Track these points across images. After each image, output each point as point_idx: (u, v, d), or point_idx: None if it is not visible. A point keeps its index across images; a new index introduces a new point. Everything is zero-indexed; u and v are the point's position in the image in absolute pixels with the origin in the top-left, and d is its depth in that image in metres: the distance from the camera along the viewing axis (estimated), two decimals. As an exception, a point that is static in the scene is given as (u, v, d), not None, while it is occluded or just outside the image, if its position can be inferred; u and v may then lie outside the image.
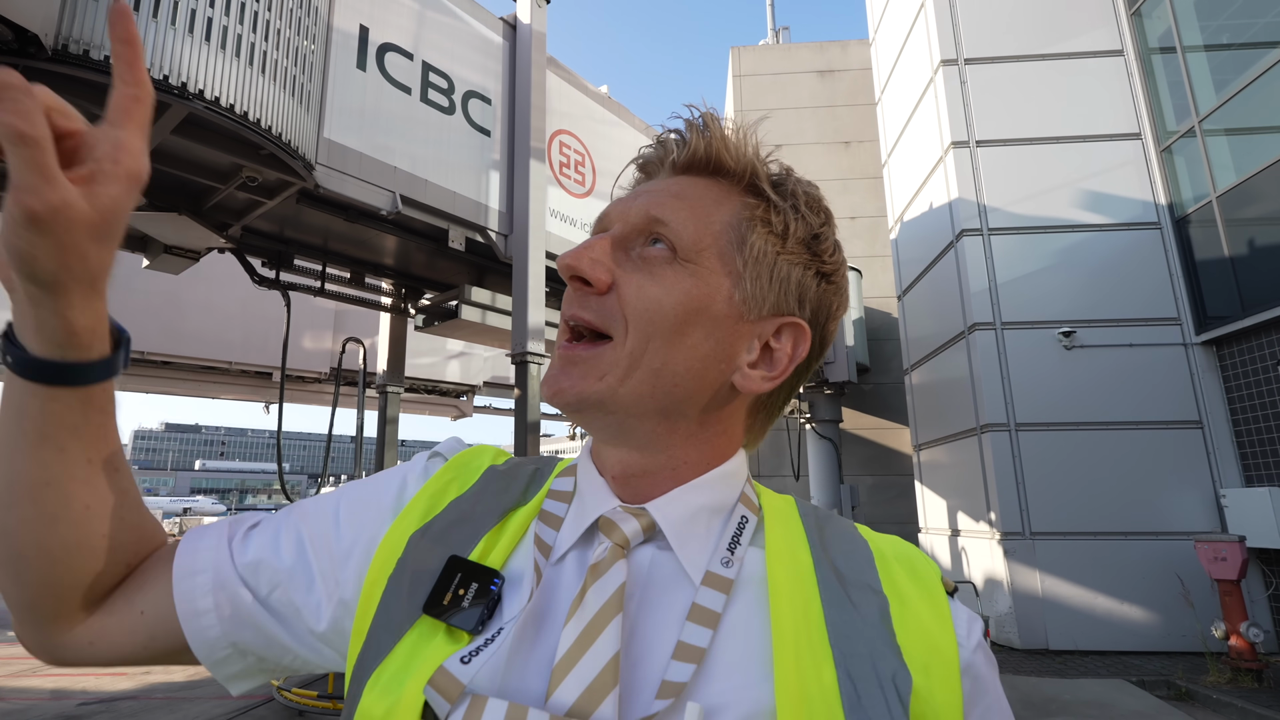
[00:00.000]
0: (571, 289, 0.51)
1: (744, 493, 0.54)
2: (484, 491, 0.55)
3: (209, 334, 11.06)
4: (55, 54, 3.65)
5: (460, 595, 0.47)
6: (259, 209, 5.43)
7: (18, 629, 0.53)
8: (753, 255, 0.51)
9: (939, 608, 0.48)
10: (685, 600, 0.46)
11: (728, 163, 0.53)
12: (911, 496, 15.10)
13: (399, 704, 0.42)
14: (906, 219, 10.47)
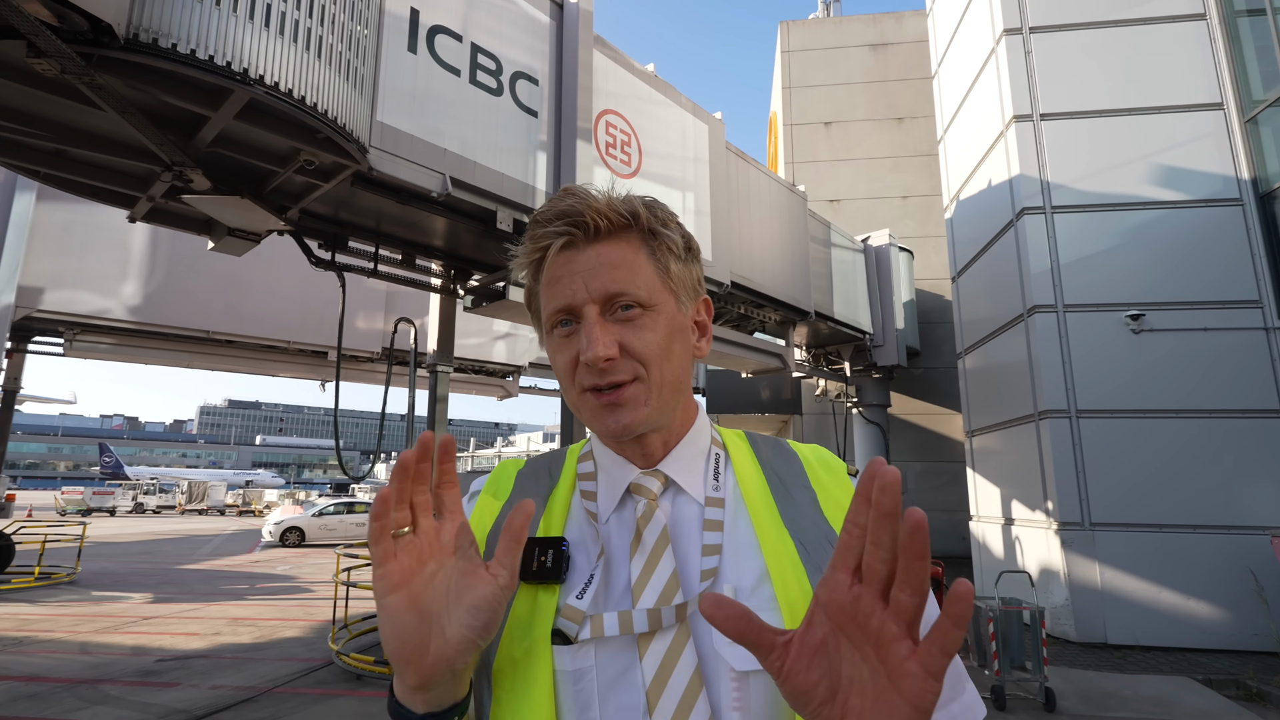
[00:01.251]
0: (598, 368, 0.68)
1: (711, 435, 0.78)
2: (523, 490, 0.78)
3: (269, 314, 11.48)
4: (127, 43, 3.79)
5: (543, 561, 0.67)
6: (315, 192, 5.57)
7: None
8: (676, 278, 0.74)
9: (847, 489, 0.74)
10: (698, 518, 0.70)
11: (624, 223, 0.72)
12: (961, 483, 14.71)
13: (534, 640, 0.63)
14: (963, 197, 10.08)
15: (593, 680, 0.62)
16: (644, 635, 0.63)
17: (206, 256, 10.65)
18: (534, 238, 0.72)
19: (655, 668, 0.61)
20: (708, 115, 8.91)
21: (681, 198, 8.18)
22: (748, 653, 0.59)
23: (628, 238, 0.72)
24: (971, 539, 9.61)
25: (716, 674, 0.62)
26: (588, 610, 0.64)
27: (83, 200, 9.64)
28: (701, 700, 0.60)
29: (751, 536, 0.68)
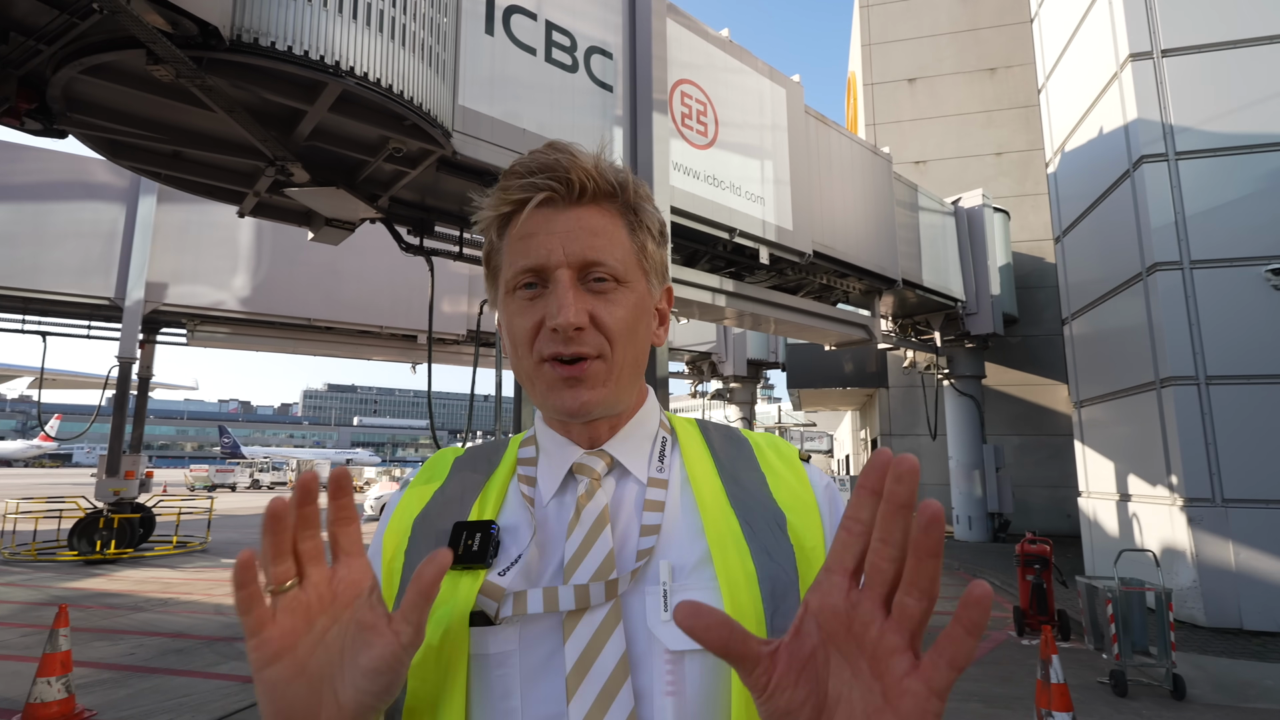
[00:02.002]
0: (565, 335, 0.63)
1: (660, 420, 0.75)
2: (459, 475, 0.73)
3: (363, 301, 12.08)
4: (232, 44, 4.00)
5: (470, 544, 0.63)
6: (403, 179, 5.76)
7: None
8: (650, 257, 0.71)
9: (798, 473, 0.71)
10: (639, 497, 0.67)
11: (609, 190, 0.68)
12: (1065, 458, 13.80)
13: (451, 624, 0.58)
14: (1069, 149, 9.29)
15: (515, 665, 0.58)
16: (571, 616, 0.58)
17: (306, 249, 11.31)
18: (508, 189, 0.67)
19: (579, 652, 0.57)
20: (785, 79, 8.59)
21: (760, 166, 7.95)
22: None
23: (610, 208, 0.68)
24: (1080, 517, 9.01)
25: (648, 656, 0.58)
26: (509, 587, 0.60)
27: (196, 201, 10.41)
28: (625, 689, 0.56)
29: (695, 518, 0.65)
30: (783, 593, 0.60)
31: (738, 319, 9.09)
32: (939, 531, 0.37)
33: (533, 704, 0.57)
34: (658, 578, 0.61)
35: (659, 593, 0.60)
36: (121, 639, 6.04)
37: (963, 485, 13.09)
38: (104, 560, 10.61)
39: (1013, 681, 4.99)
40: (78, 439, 21.61)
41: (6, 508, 12.30)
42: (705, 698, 0.57)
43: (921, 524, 0.37)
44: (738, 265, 8.65)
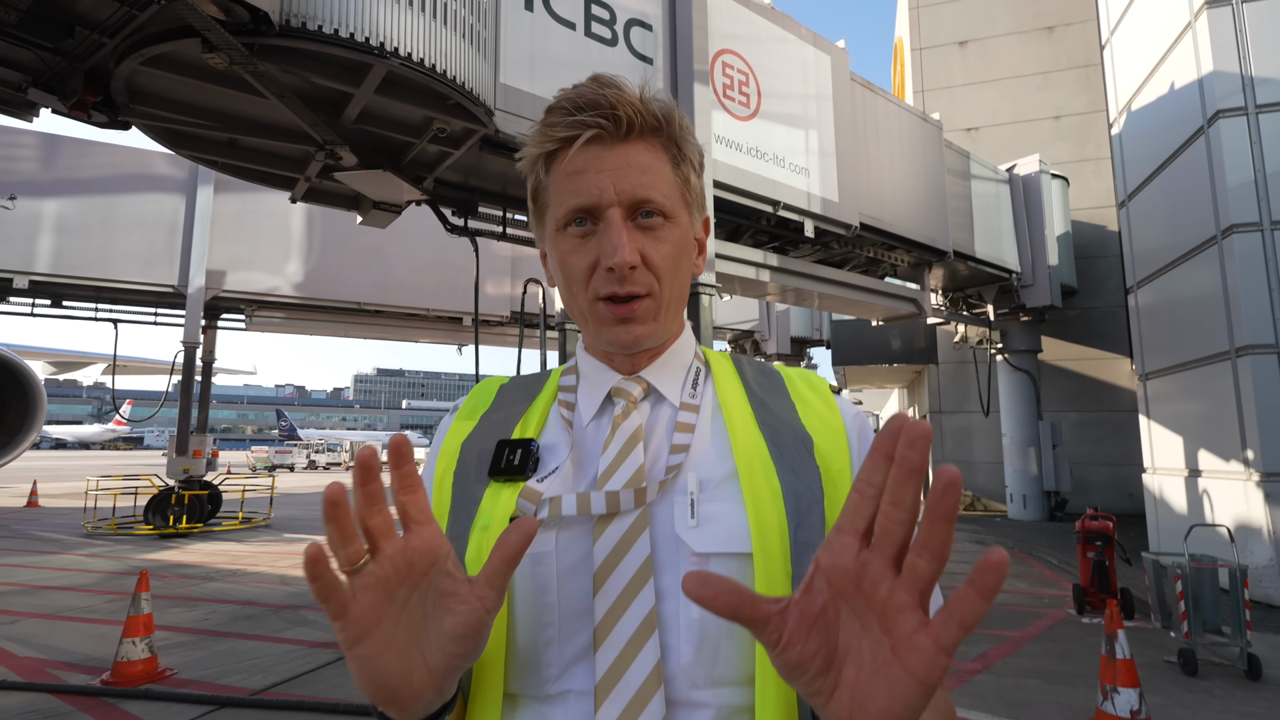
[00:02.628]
0: (620, 275, 0.66)
1: (695, 351, 0.78)
2: (504, 401, 0.77)
3: (409, 284, 12.34)
4: (281, 29, 4.09)
5: (510, 459, 0.68)
6: (447, 159, 5.82)
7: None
8: (693, 191, 0.73)
9: (829, 402, 0.74)
10: (671, 420, 0.70)
11: (656, 125, 0.69)
12: (1127, 435, 13.23)
13: (490, 532, 0.63)
14: (1135, 108, 8.78)
15: (552, 564, 0.62)
16: (602, 520, 0.62)
17: (354, 234, 11.59)
18: (554, 125, 0.67)
19: (607, 551, 0.61)
20: (830, 45, 8.32)
21: (804, 136, 7.75)
22: (709, 536, 0.61)
23: (655, 142, 0.69)
24: (1146, 494, 8.64)
25: (674, 559, 0.61)
26: (546, 493, 0.64)
27: (250, 190, 10.77)
28: (647, 589, 0.60)
29: (724, 440, 0.68)
30: (807, 508, 0.63)
31: (781, 294, 8.95)
32: (955, 496, 0.38)
33: (567, 598, 0.61)
34: (686, 489, 0.64)
35: (686, 502, 0.63)
36: (196, 605, 6.39)
37: (1017, 463, 12.69)
38: (176, 534, 11.23)
39: (1073, 659, 4.85)
40: (147, 422, 22.77)
41: (87, 486, 13.10)
42: None
43: (939, 488, 0.37)
44: (781, 239, 8.50)
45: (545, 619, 0.61)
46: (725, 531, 0.62)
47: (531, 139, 0.71)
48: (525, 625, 0.62)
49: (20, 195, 10.04)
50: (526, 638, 0.62)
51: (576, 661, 0.60)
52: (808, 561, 0.60)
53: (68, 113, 4.66)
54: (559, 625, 0.61)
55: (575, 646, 0.60)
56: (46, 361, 25.94)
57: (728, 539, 0.62)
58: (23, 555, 9.14)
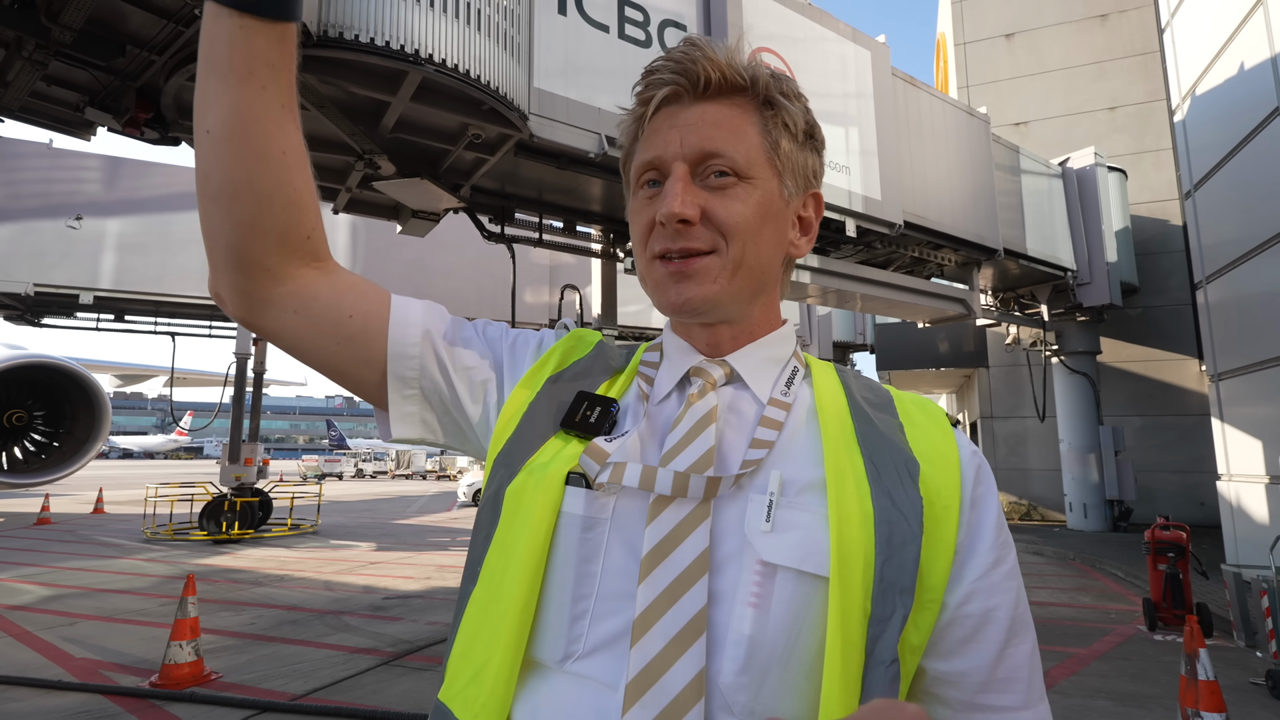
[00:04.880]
0: (672, 229, 0.61)
1: (795, 351, 0.71)
2: (599, 356, 0.74)
3: (449, 294, 12.50)
4: (319, 39, 4.15)
5: (588, 415, 0.64)
6: (483, 166, 5.84)
7: (217, 275, 0.63)
8: (785, 156, 0.66)
9: (944, 429, 0.65)
10: (756, 415, 0.64)
11: (740, 84, 0.64)
12: (1197, 440, 12.46)
13: (546, 478, 0.59)
14: (1200, 92, 8.30)
15: (604, 533, 0.57)
16: (660, 501, 0.57)
17: (396, 245, 11.82)
18: (639, 92, 0.66)
19: (659, 537, 0.55)
20: (870, 40, 8.12)
21: (845, 135, 7.56)
22: (782, 546, 0.54)
23: (740, 102, 0.65)
24: (1221, 502, 8.08)
25: (735, 561, 0.55)
26: (613, 454, 0.60)
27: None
28: (699, 587, 0.54)
29: (815, 446, 0.61)
30: (900, 543, 0.55)
31: (822, 297, 8.73)
32: None
33: (610, 575, 0.56)
34: (765, 488, 0.58)
35: (764, 501, 0.57)
36: (244, 610, 6.52)
37: (1076, 470, 12.08)
38: (229, 540, 11.56)
39: (1145, 679, 4.52)
40: (202, 431, 23.64)
41: (147, 493, 13.63)
42: (790, 617, 0.53)
43: None
44: (823, 240, 8.29)
45: (584, 589, 0.56)
46: (802, 546, 0.54)
47: (627, 112, 0.69)
48: (562, 589, 0.57)
49: (85, 215, 10.55)
50: (560, 603, 0.57)
51: (608, 645, 0.55)
52: (892, 605, 0.54)
53: (121, 130, 4.83)
54: (597, 601, 0.56)
55: (609, 629, 0.55)
56: (113, 374, 27.29)
57: (803, 555, 0.54)
58: (86, 559, 9.52)
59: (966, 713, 0.58)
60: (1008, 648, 0.58)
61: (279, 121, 0.59)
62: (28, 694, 4.18)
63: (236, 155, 0.58)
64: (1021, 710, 0.57)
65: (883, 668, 0.53)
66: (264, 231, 0.60)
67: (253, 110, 0.57)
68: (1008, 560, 0.60)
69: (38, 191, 10.40)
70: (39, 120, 4.78)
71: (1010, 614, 0.58)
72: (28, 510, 15.96)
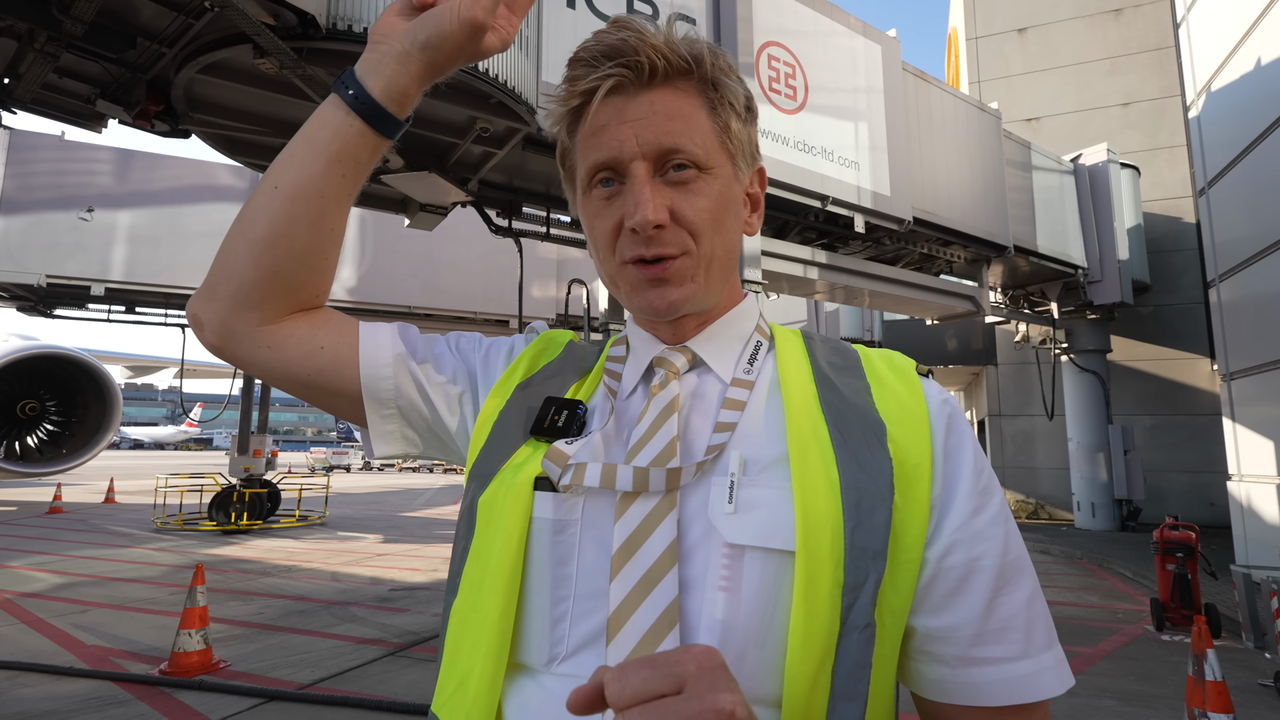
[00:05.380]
0: (645, 235, 0.60)
1: (758, 325, 0.71)
2: (568, 358, 0.74)
3: (457, 288, 12.53)
4: (328, 32, 4.15)
5: (555, 420, 0.65)
6: (491, 160, 5.85)
7: (212, 303, 0.66)
8: (735, 137, 0.65)
9: (911, 385, 0.64)
10: (720, 397, 0.64)
11: (685, 68, 0.62)
12: (1207, 440, 12.36)
13: (515, 486, 0.59)
14: (1216, 87, 8.20)
15: (575, 534, 0.58)
16: (626, 497, 0.56)
17: (404, 239, 11.84)
18: (575, 80, 0.62)
19: (627, 534, 0.55)
20: (880, 34, 8.05)
21: (854, 129, 7.51)
22: (746, 526, 0.54)
23: (685, 86, 0.63)
24: (1231, 503, 8.01)
25: (703, 547, 0.55)
26: (573, 456, 0.60)
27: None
28: (670, 578, 0.53)
29: (778, 421, 0.60)
30: (870, 507, 0.55)
31: (830, 293, 8.69)
32: None
33: (585, 575, 0.57)
34: (726, 469, 0.57)
35: (725, 484, 0.57)
36: (252, 600, 6.58)
37: (1084, 469, 12.01)
38: (238, 531, 11.66)
39: (1153, 679, 4.50)
40: (211, 423, 23.79)
41: (157, 484, 13.76)
42: (762, 597, 0.53)
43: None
44: (830, 236, 8.26)
45: (562, 591, 0.57)
46: (767, 523, 0.54)
47: (555, 97, 0.66)
48: (540, 594, 0.57)
49: (97, 207, 10.62)
50: (540, 607, 0.57)
51: (588, 645, 0.56)
52: (865, 570, 0.53)
53: (132, 122, 4.85)
54: (574, 602, 0.57)
55: (589, 628, 0.56)
56: (124, 366, 27.52)
57: (769, 532, 0.54)
58: (97, 548, 9.63)
59: (963, 668, 0.56)
60: (999, 596, 0.56)
61: (340, 202, 0.65)
62: (40, 680, 4.24)
63: (292, 216, 0.63)
64: (1019, 660, 0.55)
65: (856, 633, 0.52)
66: (281, 283, 0.65)
67: (326, 187, 0.64)
68: (989, 507, 0.58)
69: (50, 184, 10.47)
70: (51, 112, 4.80)
71: (998, 561, 0.56)
72: (40, 499, 16.14)
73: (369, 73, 0.63)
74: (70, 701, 3.89)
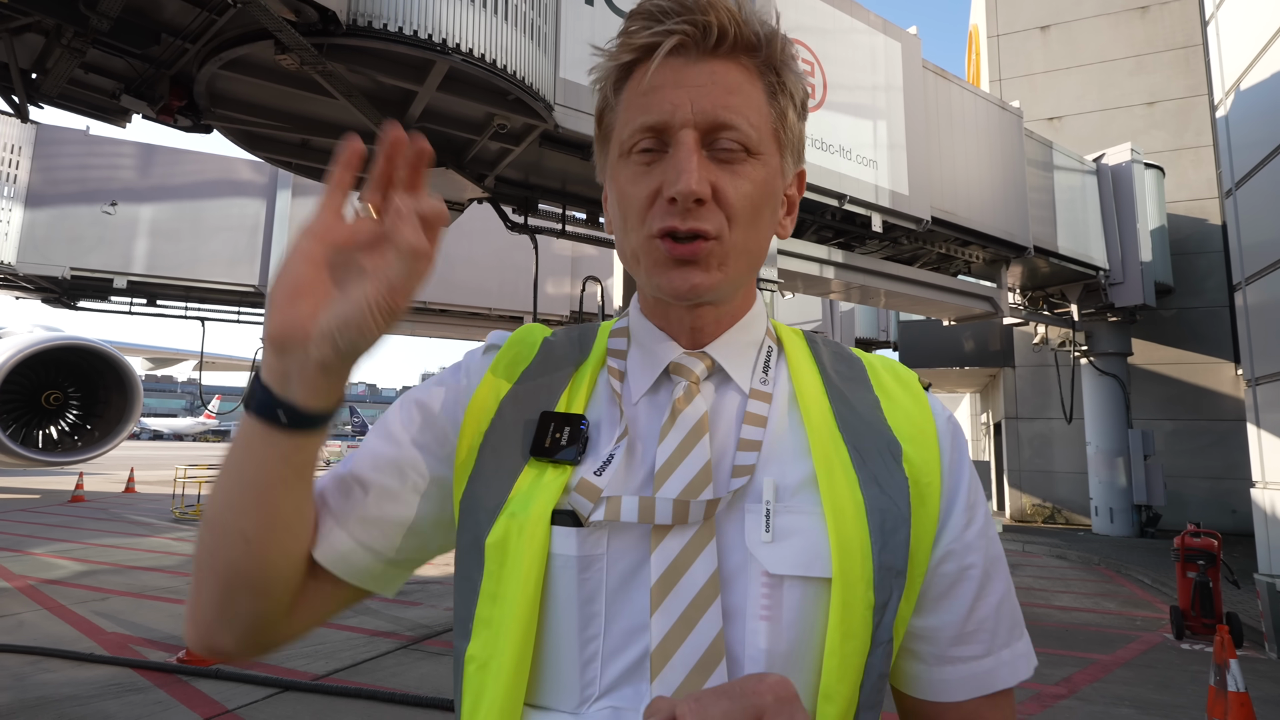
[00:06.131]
0: (682, 207, 0.55)
1: (766, 327, 0.68)
2: (548, 359, 0.66)
3: (472, 283, 12.59)
4: (349, 28, 4.18)
5: (558, 439, 0.59)
6: (508, 156, 5.85)
7: (212, 637, 0.58)
8: (790, 129, 0.62)
9: (920, 400, 0.64)
10: (740, 409, 0.61)
11: (753, 43, 0.59)
12: (1231, 446, 12.14)
13: (529, 523, 0.54)
14: (1245, 86, 8.03)
15: (602, 570, 0.55)
16: (660, 529, 0.54)
17: (420, 234, 11.89)
18: (633, 33, 0.58)
19: (666, 564, 0.53)
20: (900, 32, 7.97)
21: (872, 127, 7.45)
22: (785, 555, 0.54)
23: (749, 65, 0.59)
24: (1255, 510, 7.86)
25: (742, 576, 0.54)
26: (606, 490, 0.56)
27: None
28: (714, 608, 0.52)
29: (800, 437, 0.59)
30: (892, 528, 0.56)
31: (846, 292, 8.63)
32: None
33: (617, 613, 0.54)
34: (760, 496, 0.56)
35: (761, 511, 0.55)
36: (268, 591, 6.66)
37: (1103, 474, 11.84)
38: (255, 522, 11.79)
39: (1171, 688, 4.43)
40: (230, 415, 24.08)
41: (176, 474, 13.96)
42: (801, 625, 0.53)
43: None
44: (847, 235, 8.19)
45: (590, 631, 0.54)
46: (805, 551, 0.54)
47: (606, 51, 0.61)
48: (565, 635, 0.54)
49: (120, 201, 10.78)
50: (565, 648, 0.54)
51: (624, 683, 0.53)
52: (889, 589, 0.55)
53: (155, 117, 4.92)
54: (605, 640, 0.54)
55: (623, 665, 0.53)
56: (145, 358, 27.93)
57: (808, 561, 0.54)
58: (118, 537, 9.80)
59: (938, 666, 0.59)
60: (979, 600, 0.59)
61: (305, 512, 0.57)
62: (62, 665, 4.32)
63: (269, 559, 0.55)
64: (983, 658, 0.59)
65: (881, 648, 0.54)
66: (262, 615, 0.58)
67: (289, 512, 0.55)
68: (978, 519, 0.61)
69: (75, 178, 10.64)
70: (77, 107, 4.88)
71: (982, 569, 0.60)
72: (63, 488, 16.44)
73: (292, 388, 0.51)
74: (90, 687, 3.96)
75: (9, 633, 4.96)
